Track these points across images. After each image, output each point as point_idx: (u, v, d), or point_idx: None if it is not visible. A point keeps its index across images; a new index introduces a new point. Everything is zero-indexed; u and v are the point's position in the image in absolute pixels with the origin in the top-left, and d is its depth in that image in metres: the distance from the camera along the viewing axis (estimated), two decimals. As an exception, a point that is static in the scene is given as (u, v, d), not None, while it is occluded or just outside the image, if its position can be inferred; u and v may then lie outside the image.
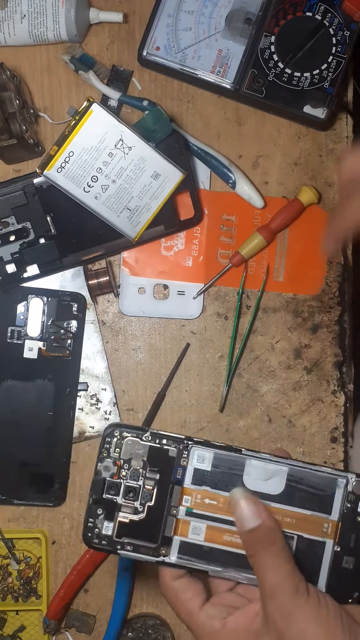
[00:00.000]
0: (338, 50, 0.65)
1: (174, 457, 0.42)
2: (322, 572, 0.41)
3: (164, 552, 0.41)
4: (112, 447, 0.42)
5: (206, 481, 0.41)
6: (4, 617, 0.68)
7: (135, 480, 0.41)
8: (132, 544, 0.41)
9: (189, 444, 0.42)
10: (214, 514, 0.41)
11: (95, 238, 0.67)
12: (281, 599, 0.37)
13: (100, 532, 0.41)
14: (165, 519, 0.41)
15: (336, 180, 0.48)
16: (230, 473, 0.41)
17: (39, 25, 0.66)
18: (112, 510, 0.41)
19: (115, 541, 0.41)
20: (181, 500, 0.41)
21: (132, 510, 0.41)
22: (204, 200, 0.69)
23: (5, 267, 0.67)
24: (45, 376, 0.67)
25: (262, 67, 0.66)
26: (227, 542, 0.41)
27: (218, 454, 0.42)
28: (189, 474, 0.42)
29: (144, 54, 0.67)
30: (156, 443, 0.42)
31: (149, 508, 0.41)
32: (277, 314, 0.70)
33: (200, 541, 0.41)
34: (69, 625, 0.68)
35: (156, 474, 0.42)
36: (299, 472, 0.41)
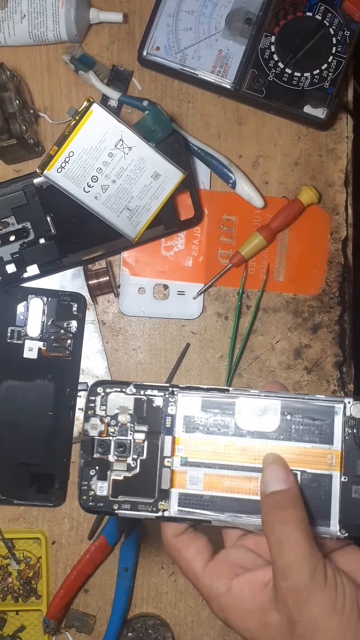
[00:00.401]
0: (338, 50, 0.65)
1: (161, 406, 0.40)
2: (333, 507, 0.39)
3: (163, 506, 0.39)
4: (97, 405, 0.40)
5: (198, 427, 0.40)
6: (4, 617, 0.68)
7: (124, 435, 0.40)
8: (129, 501, 0.40)
9: (174, 391, 0.40)
10: (211, 460, 0.39)
11: (95, 238, 0.67)
12: (295, 582, 0.35)
13: (95, 493, 0.40)
14: (160, 471, 0.40)
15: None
16: (222, 415, 0.40)
17: (39, 25, 0.66)
18: (104, 469, 0.40)
19: (112, 501, 0.40)
20: (174, 450, 0.40)
21: (125, 466, 0.40)
22: (204, 200, 0.69)
23: (5, 267, 0.67)
24: (45, 376, 0.67)
25: (262, 67, 0.66)
26: (228, 488, 0.39)
27: (206, 397, 0.40)
28: (178, 422, 0.40)
29: (144, 54, 0.67)
30: (141, 394, 0.40)
31: (142, 462, 0.40)
32: (277, 314, 0.70)
33: (199, 490, 0.39)
34: (69, 625, 0.68)
35: (145, 425, 0.40)
36: (292, 404, 0.39)
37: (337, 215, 0.70)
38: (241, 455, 0.40)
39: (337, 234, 0.70)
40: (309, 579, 0.34)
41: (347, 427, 0.39)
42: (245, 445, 0.40)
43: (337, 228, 0.70)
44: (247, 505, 0.39)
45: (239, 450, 0.40)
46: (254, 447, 0.40)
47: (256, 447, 0.39)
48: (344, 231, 0.70)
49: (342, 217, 0.70)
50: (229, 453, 0.40)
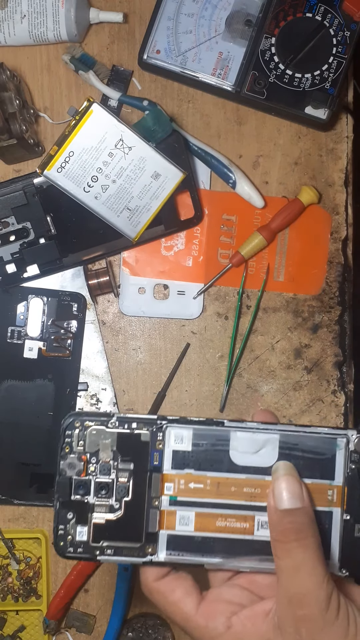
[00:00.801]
0: (338, 51, 0.65)
1: (148, 441, 0.37)
2: (333, 546, 0.37)
3: (150, 551, 0.36)
4: (75, 440, 0.36)
5: (188, 463, 0.37)
6: (4, 617, 0.68)
7: (107, 474, 0.36)
8: (113, 546, 0.36)
9: (162, 424, 0.37)
10: (202, 499, 0.37)
11: (95, 238, 0.67)
12: (312, 611, 0.32)
13: (73, 539, 0.36)
14: (147, 512, 0.36)
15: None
16: (215, 450, 0.37)
17: (39, 25, 0.66)
18: (84, 513, 0.36)
19: (93, 547, 0.36)
20: (163, 489, 0.37)
21: (107, 508, 0.36)
22: (204, 200, 0.69)
23: (5, 267, 0.67)
24: (45, 376, 0.67)
25: (263, 69, 0.66)
26: (221, 529, 0.36)
27: (198, 430, 0.37)
28: (167, 458, 0.37)
29: (145, 58, 0.67)
30: (125, 428, 0.36)
31: (127, 503, 0.36)
32: (277, 314, 0.70)
33: (190, 532, 0.36)
34: (69, 625, 0.68)
35: (129, 463, 0.36)
36: (292, 437, 0.37)
37: (337, 215, 0.70)
38: (236, 493, 0.37)
39: (337, 234, 0.70)
40: (325, 607, 0.33)
41: (349, 462, 0.37)
42: (240, 482, 0.37)
43: (337, 228, 0.70)
44: (243, 546, 0.36)
45: (234, 488, 0.37)
46: (249, 484, 0.37)
47: (252, 484, 0.37)
48: (344, 231, 0.70)
49: (342, 217, 0.70)
50: (222, 491, 0.37)
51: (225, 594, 0.36)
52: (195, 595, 0.36)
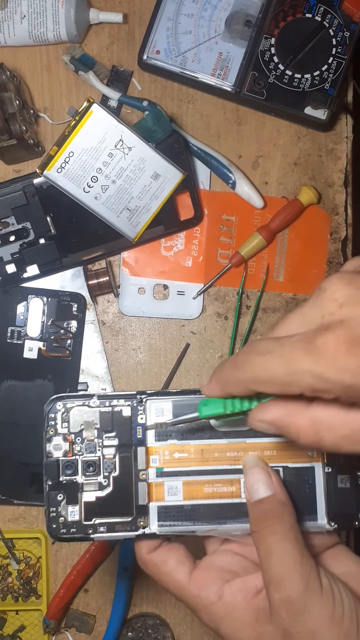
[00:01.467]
0: (338, 51, 0.65)
1: (130, 416, 0.37)
2: (319, 500, 0.37)
3: (142, 523, 0.37)
4: (59, 422, 0.37)
5: (171, 434, 0.37)
6: (4, 617, 0.69)
7: (92, 452, 0.37)
8: (105, 523, 0.36)
9: (142, 398, 0.37)
10: (188, 467, 0.37)
11: (95, 238, 0.67)
12: (289, 593, 0.32)
13: (66, 519, 0.36)
14: (136, 486, 0.37)
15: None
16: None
17: (39, 25, 0.66)
18: (74, 492, 0.37)
19: (86, 525, 0.36)
20: (148, 462, 0.37)
21: (97, 486, 0.37)
22: (204, 201, 0.69)
23: (5, 267, 0.67)
24: (45, 376, 0.67)
25: (263, 69, 0.66)
26: (209, 494, 0.37)
27: (177, 401, 0.37)
28: (150, 431, 0.37)
29: (145, 58, 0.67)
30: (106, 406, 0.37)
31: (115, 479, 0.37)
32: (277, 314, 0.70)
33: (179, 501, 0.37)
34: (69, 625, 0.68)
35: (114, 439, 0.37)
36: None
37: (336, 215, 0.70)
38: (219, 458, 0.38)
39: (337, 234, 0.70)
40: (302, 589, 0.32)
41: None
42: (222, 447, 0.37)
43: (337, 228, 0.71)
44: (232, 509, 0.37)
45: (217, 453, 0.38)
46: (232, 448, 0.38)
47: (234, 448, 0.37)
48: (343, 231, 0.71)
49: (341, 217, 0.71)
50: (206, 458, 0.37)
51: (218, 560, 0.37)
52: (188, 564, 0.36)
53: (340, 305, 0.27)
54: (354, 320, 0.26)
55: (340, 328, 0.26)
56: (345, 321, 0.26)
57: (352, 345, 0.26)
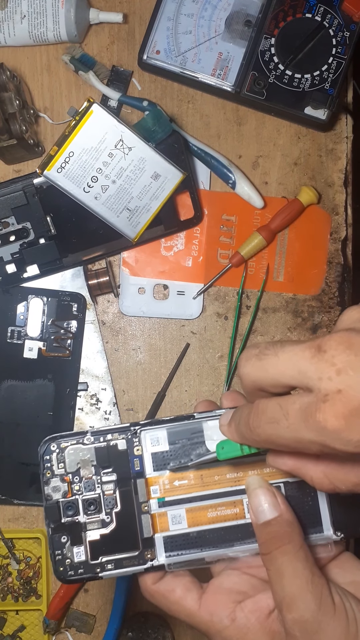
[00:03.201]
0: (338, 51, 0.65)
1: (125, 449, 0.37)
2: (323, 511, 0.37)
3: (149, 556, 0.36)
4: (54, 464, 0.37)
5: (169, 462, 0.37)
6: (4, 616, 0.69)
7: (92, 490, 0.37)
8: (112, 560, 0.36)
9: (136, 430, 0.37)
10: (189, 494, 0.37)
11: (95, 238, 0.67)
12: (302, 613, 0.32)
13: (72, 561, 0.36)
14: (139, 519, 0.37)
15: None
16: (191, 444, 0.37)
17: (39, 25, 0.66)
18: (77, 533, 0.36)
19: (93, 565, 0.36)
20: (149, 493, 0.37)
21: (100, 523, 0.37)
22: (204, 200, 0.69)
23: (5, 267, 0.67)
24: (45, 376, 0.67)
25: (263, 69, 0.66)
26: (214, 519, 0.37)
27: (171, 428, 0.37)
28: (148, 462, 0.37)
29: (145, 58, 0.67)
30: (101, 442, 0.37)
31: (117, 514, 0.37)
32: (277, 314, 0.70)
33: (184, 529, 0.37)
34: (69, 625, 0.68)
35: (112, 474, 0.37)
36: None
37: (336, 215, 0.70)
38: (220, 481, 0.37)
39: (337, 234, 0.71)
40: (315, 608, 0.32)
41: None
42: (222, 470, 0.37)
43: (337, 228, 0.71)
44: (238, 531, 0.37)
45: (217, 476, 0.37)
46: (231, 469, 0.37)
47: (234, 469, 0.37)
48: (343, 231, 0.71)
49: (341, 217, 0.71)
50: (206, 482, 0.37)
51: (226, 582, 0.36)
52: (196, 590, 0.36)
53: (338, 371, 0.27)
54: (352, 390, 0.27)
55: (338, 400, 0.27)
56: (343, 391, 0.27)
57: (351, 418, 0.27)
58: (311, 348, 0.28)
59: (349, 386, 0.27)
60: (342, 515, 0.37)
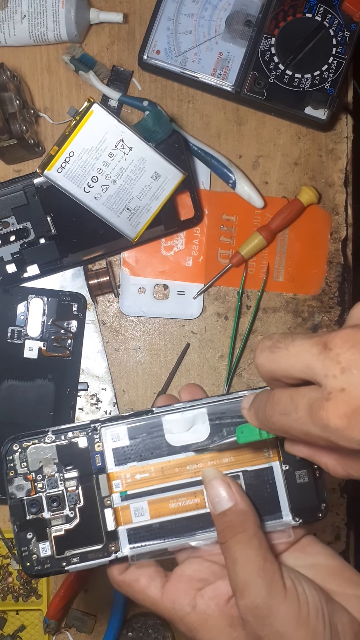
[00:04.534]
0: (338, 51, 0.65)
1: (87, 446, 0.38)
2: (282, 498, 0.39)
3: (113, 548, 0.38)
4: (17, 463, 0.38)
5: (130, 457, 0.38)
6: (4, 616, 0.69)
7: (55, 487, 0.38)
8: (78, 554, 0.38)
9: (96, 427, 0.38)
10: (151, 487, 0.38)
11: (95, 238, 0.67)
12: (252, 599, 0.33)
13: (38, 556, 0.37)
14: (102, 513, 0.38)
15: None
16: (151, 438, 0.39)
17: (39, 25, 0.66)
18: (42, 529, 0.38)
19: (59, 559, 0.37)
20: (111, 488, 0.38)
21: (64, 519, 0.38)
22: (204, 200, 0.69)
23: (6, 267, 0.67)
24: (45, 376, 0.67)
25: (263, 69, 0.66)
26: (175, 509, 0.38)
27: (130, 423, 0.38)
28: (109, 457, 0.38)
29: (145, 58, 0.67)
30: (62, 440, 0.38)
31: (81, 510, 0.38)
32: (277, 314, 0.70)
33: (147, 521, 0.38)
34: (69, 625, 0.68)
35: (74, 471, 0.38)
36: (218, 407, 0.39)
37: (336, 215, 0.70)
38: (180, 473, 0.39)
39: (337, 234, 0.71)
40: (265, 593, 0.33)
41: None
42: (182, 461, 0.39)
43: (337, 228, 0.71)
44: (199, 520, 0.38)
45: (177, 468, 0.39)
46: (191, 461, 0.39)
47: (193, 461, 0.39)
48: (343, 231, 0.71)
49: (341, 217, 0.71)
50: (167, 474, 0.38)
51: (188, 570, 0.37)
52: (159, 579, 0.37)
53: (343, 370, 0.27)
54: (355, 389, 0.27)
55: (341, 399, 0.27)
56: (346, 390, 0.27)
57: (353, 417, 0.27)
58: (318, 344, 0.29)
59: (352, 385, 0.27)
60: (299, 501, 0.39)
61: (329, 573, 0.37)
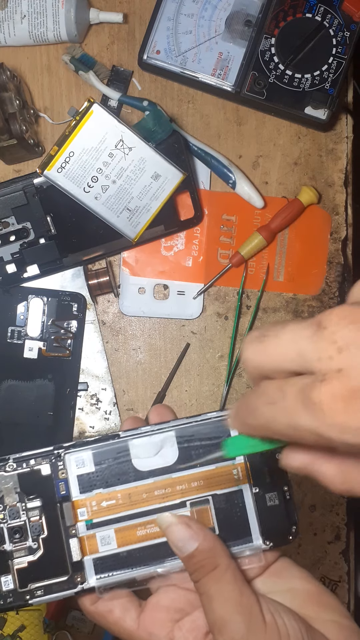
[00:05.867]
0: (338, 51, 0.65)
1: (50, 473, 0.37)
2: (252, 521, 0.37)
3: (79, 580, 0.36)
4: None
5: (95, 483, 0.37)
6: (4, 616, 0.69)
7: (16, 517, 0.36)
8: (42, 586, 0.36)
9: (60, 453, 0.37)
10: (118, 514, 0.37)
11: (95, 238, 0.67)
12: (232, 636, 0.32)
13: (0, 590, 0.36)
14: (67, 543, 0.36)
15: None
16: (117, 463, 0.37)
17: (39, 25, 0.66)
18: (4, 561, 0.36)
19: (22, 593, 0.36)
20: (76, 516, 0.36)
21: (26, 551, 0.36)
22: (204, 200, 0.69)
23: (6, 267, 0.67)
24: (45, 376, 0.67)
25: (263, 69, 0.66)
26: (143, 537, 0.37)
27: (96, 449, 0.37)
28: (73, 485, 0.37)
29: (145, 58, 0.67)
30: (23, 467, 0.37)
31: (45, 540, 0.36)
32: (277, 314, 0.70)
33: (114, 550, 0.36)
34: (69, 625, 0.68)
35: (37, 500, 0.36)
36: (186, 429, 0.38)
37: (336, 215, 0.70)
38: (148, 498, 0.37)
39: (337, 234, 0.71)
40: (245, 629, 0.32)
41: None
42: (149, 486, 0.37)
43: (337, 228, 0.71)
44: (168, 547, 0.36)
45: (145, 494, 0.37)
46: (158, 486, 0.37)
47: (161, 485, 0.37)
48: (343, 231, 0.71)
49: (341, 217, 0.71)
50: (134, 501, 0.37)
51: (163, 599, 0.36)
52: (134, 610, 0.35)
53: (340, 349, 0.24)
54: (355, 369, 0.23)
55: (337, 380, 0.24)
56: (343, 370, 0.24)
57: (350, 400, 0.23)
58: (312, 325, 0.25)
59: (351, 365, 0.23)
60: (270, 524, 0.37)
61: (306, 598, 0.36)
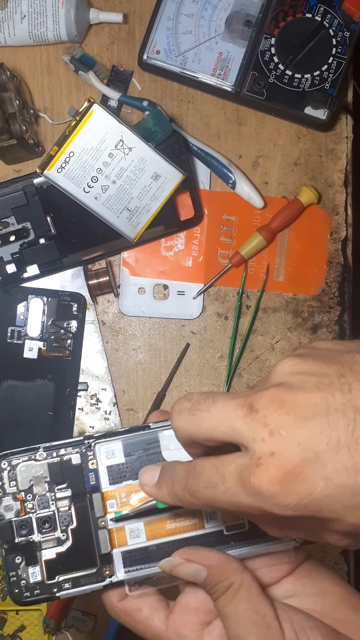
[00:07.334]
0: (338, 51, 0.65)
1: (80, 463, 0.36)
2: None
3: (108, 573, 0.35)
4: (6, 482, 0.35)
5: (125, 475, 0.36)
6: (4, 617, 0.69)
7: (46, 507, 0.36)
8: (70, 579, 0.35)
9: (90, 443, 0.36)
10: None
11: (95, 238, 0.67)
12: None
13: (28, 582, 0.35)
14: (96, 535, 0.36)
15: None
16: (147, 455, 0.36)
17: (39, 25, 0.66)
18: (32, 552, 0.35)
19: (49, 585, 0.35)
20: (106, 508, 0.36)
21: (55, 541, 0.35)
22: (204, 201, 0.69)
23: (6, 267, 0.67)
24: (45, 376, 0.67)
25: (263, 69, 0.66)
26: (173, 531, 0.36)
27: (126, 440, 0.36)
28: (103, 476, 0.36)
29: (145, 58, 0.67)
30: (54, 457, 0.36)
31: (73, 531, 0.36)
32: (277, 314, 0.70)
33: (143, 543, 0.36)
34: (69, 625, 0.68)
35: (67, 490, 0.36)
36: None
37: (336, 215, 0.70)
38: None
39: (337, 234, 0.71)
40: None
41: None
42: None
43: (337, 228, 0.71)
44: (197, 542, 0.36)
45: None
46: None
47: None
48: (343, 231, 0.71)
49: (341, 217, 0.71)
50: None
51: (193, 601, 0.35)
52: (163, 610, 0.35)
53: (271, 432, 0.26)
54: (285, 452, 0.26)
55: (272, 464, 0.26)
56: (276, 454, 0.26)
57: (285, 482, 0.26)
58: (243, 406, 0.27)
59: (282, 448, 0.26)
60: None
61: (337, 601, 0.35)
